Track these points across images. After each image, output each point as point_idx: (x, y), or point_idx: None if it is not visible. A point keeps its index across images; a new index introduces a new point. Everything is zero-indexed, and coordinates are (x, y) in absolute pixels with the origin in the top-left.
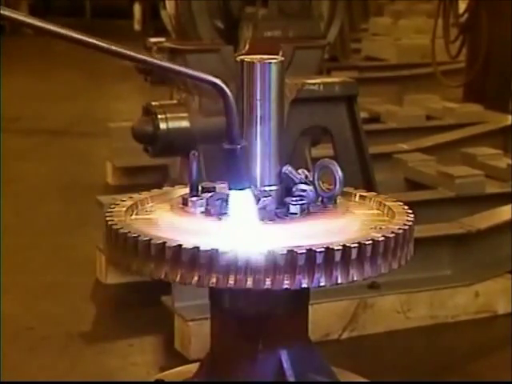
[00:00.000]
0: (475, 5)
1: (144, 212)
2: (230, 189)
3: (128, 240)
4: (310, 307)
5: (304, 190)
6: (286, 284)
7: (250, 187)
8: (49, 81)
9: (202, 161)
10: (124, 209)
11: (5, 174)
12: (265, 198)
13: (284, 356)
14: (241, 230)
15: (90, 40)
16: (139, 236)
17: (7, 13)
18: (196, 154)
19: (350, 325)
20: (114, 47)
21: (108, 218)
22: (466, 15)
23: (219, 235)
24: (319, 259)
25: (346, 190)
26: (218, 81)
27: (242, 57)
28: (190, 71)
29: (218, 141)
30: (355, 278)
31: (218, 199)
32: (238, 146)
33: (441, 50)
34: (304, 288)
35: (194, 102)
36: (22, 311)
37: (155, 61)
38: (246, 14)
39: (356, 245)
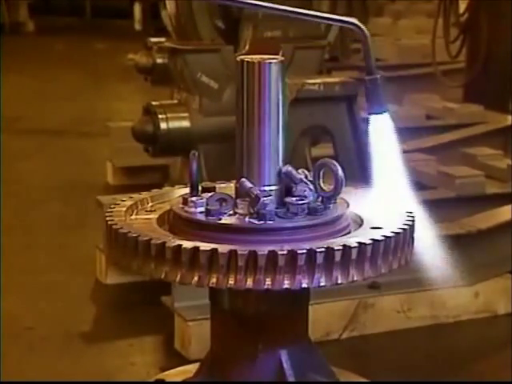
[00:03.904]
0: (475, 5)
1: (144, 212)
2: (369, 113)
3: (128, 240)
4: (310, 307)
5: (304, 190)
6: (286, 284)
7: (387, 111)
8: (49, 81)
9: (202, 161)
10: (124, 209)
11: (5, 174)
12: (265, 198)
13: (284, 356)
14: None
15: None
16: (139, 236)
17: None
18: (196, 153)
19: (351, 325)
20: None
21: (108, 218)
22: (466, 15)
23: None
24: (319, 259)
25: (345, 189)
26: (353, 20)
27: (242, 57)
28: (322, 14)
29: (218, 141)
30: (355, 278)
31: (218, 199)
32: (378, 76)
33: (441, 50)
34: (304, 288)
35: (194, 101)
36: (22, 311)
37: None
38: (246, 13)
39: (356, 245)
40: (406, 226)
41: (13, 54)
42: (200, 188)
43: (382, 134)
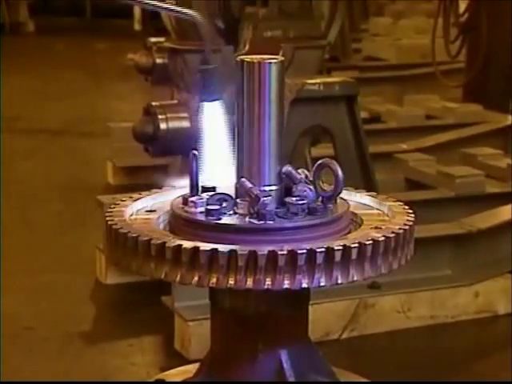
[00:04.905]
0: (475, 5)
1: (144, 212)
2: (202, 101)
3: (128, 240)
4: (310, 307)
5: (304, 190)
6: (286, 284)
7: (219, 100)
8: (49, 80)
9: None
10: (124, 209)
11: (5, 174)
12: (265, 198)
13: (284, 356)
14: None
15: None
16: (139, 236)
17: None
18: (196, 154)
19: (350, 325)
20: None
21: (108, 218)
22: (466, 15)
23: None
24: (319, 259)
25: (345, 189)
26: (192, 12)
27: (242, 57)
28: (167, 6)
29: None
30: (355, 278)
31: (218, 199)
32: (213, 66)
33: (441, 50)
34: (304, 288)
35: (194, 101)
36: (21, 311)
37: None
38: (246, 13)
39: (356, 245)
40: (406, 226)
41: (13, 54)
42: (200, 188)
43: (213, 122)
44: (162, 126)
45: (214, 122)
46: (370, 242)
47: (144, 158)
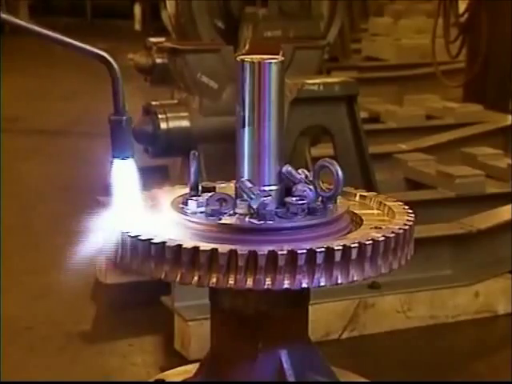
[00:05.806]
0: (475, 5)
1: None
2: (113, 157)
3: (128, 240)
4: (310, 307)
5: (304, 190)
6: (286, 284)
7: (132, 156)
8: (49, 81)
9: (201, 161)
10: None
11: (5, 174)
12: (265, 198)
13: (284, 356)
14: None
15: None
16: (139, 236)
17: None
18: (196, 153)
19: (350, 324)
20: None
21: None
22: (466, 15)
23: None
24: (319, 259)
25: (345, 189)
26: (104, 54)
27: (242, 57)
28: (77, 43)
29: (218, 141)
30: (355, 278)
31: (218, 199)
32: (124, 118)
33: (441, 50)
34: (304, 288)
35: (194, 102)
36: (22, 311)
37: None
38: (246, 14)
39: (356, 245)
40: (406, 226)
41: (13, 54)
42: (200, 188)
43: (124, 184)
44: (162, 125)
45: (125, 181)
46: (370, 242)
47: (143, 159)
